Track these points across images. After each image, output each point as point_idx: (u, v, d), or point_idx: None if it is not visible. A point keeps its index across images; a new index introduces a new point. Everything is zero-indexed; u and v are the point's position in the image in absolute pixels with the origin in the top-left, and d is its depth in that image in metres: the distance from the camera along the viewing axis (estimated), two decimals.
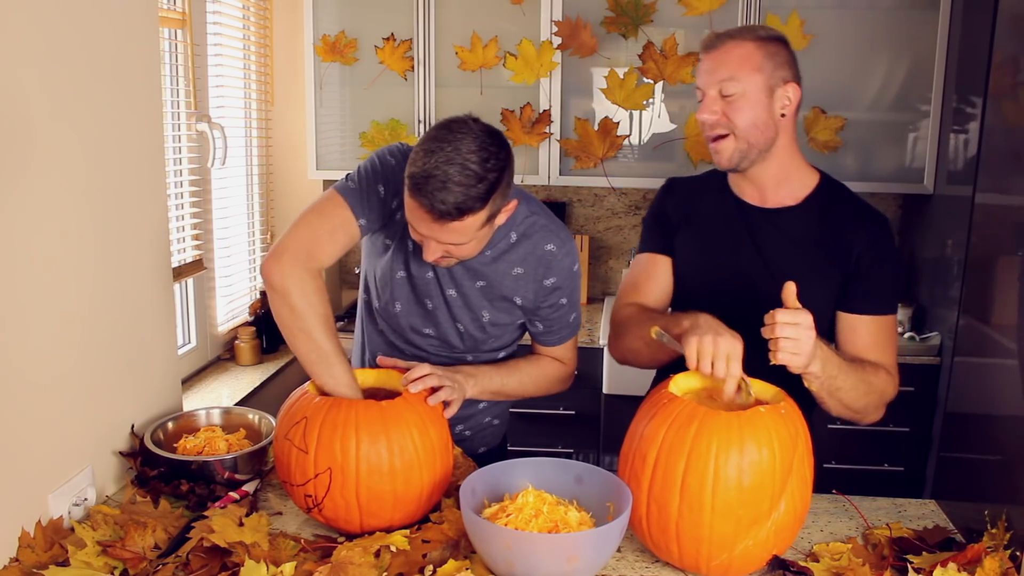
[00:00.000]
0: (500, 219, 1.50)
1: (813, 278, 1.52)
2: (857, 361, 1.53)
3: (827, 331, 1.57)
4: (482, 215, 1.41)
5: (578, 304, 1.72)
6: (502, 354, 1.77)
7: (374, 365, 1.72)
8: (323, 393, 1.48)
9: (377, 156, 1.59)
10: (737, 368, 1.33)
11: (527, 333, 1.76)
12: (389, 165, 1.57)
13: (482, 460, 1.70)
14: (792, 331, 1.32)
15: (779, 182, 1.60)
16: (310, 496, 1.39)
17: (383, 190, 1.56)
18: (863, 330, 1.57)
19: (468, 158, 1.36)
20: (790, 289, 1.34)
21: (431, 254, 1.48)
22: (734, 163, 1.56)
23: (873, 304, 1.56)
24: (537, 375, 1.73)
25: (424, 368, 1.53)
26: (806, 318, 1.32)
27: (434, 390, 1.51)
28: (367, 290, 1.75)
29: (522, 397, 1.74)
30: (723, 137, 1.55)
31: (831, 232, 1.58)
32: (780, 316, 1.32)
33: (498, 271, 1.62)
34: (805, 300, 1.37)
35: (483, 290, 1.63)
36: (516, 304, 1.65)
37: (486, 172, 1.37)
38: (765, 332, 1.34)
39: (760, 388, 1.42)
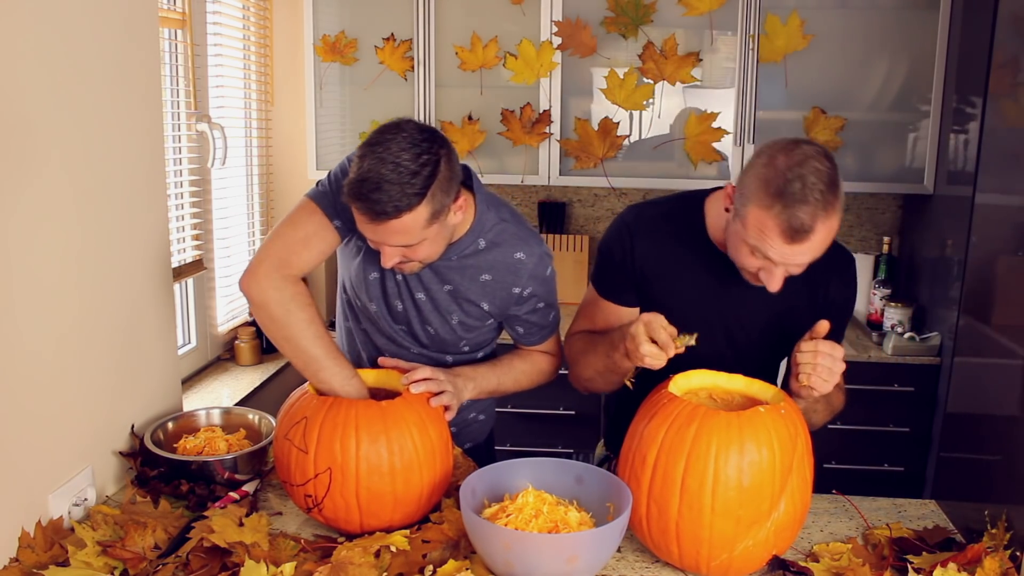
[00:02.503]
0: (453, 218, 1.48)
1: (793, 311, 1.59)
2: None
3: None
4: (422, 211, 1.39)
5: (555, 302, 1.73)
6: (480, 354, 1.77)
7: (367, 364, 1.74)
8: (323, 394, 1.48)
9: (347, 159, 1.58)
10: (669, 330, 1.39)
11: (506, 333, 1.77)
12: None
13: (469, 456, 1.71)
14: (830, 362, 1.38)
15: None
16: (310, 496, 1.39)
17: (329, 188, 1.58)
18: None
19: (400, 156, 1.36)
20: (823, 325, 1.41)
21: (388, 260, 1.48)
22: None
23: (836, 336, 1.56)
24: (530, 370, 1.76)
25: (425, 371, 1.53)
26: (841, 352, 1.39)
27: (434, 394, 1.51)
28: (345, 291, 1.77)
29: (516, 392, 1.76)
30: None
31: (809, 270, 1.54)
32: (823, 347, 1.38)
33: (465, 276, 1.62)
34: (786, 329, 1.55)
35: (451, 294, 1.63)
36: (484, 309, 1.65)
37: (420, 168, 1.37)
38: (803, 357, 1.39)
39: (760, 388, 1.42)
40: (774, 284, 1.43)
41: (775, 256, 1.39)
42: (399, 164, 1.36)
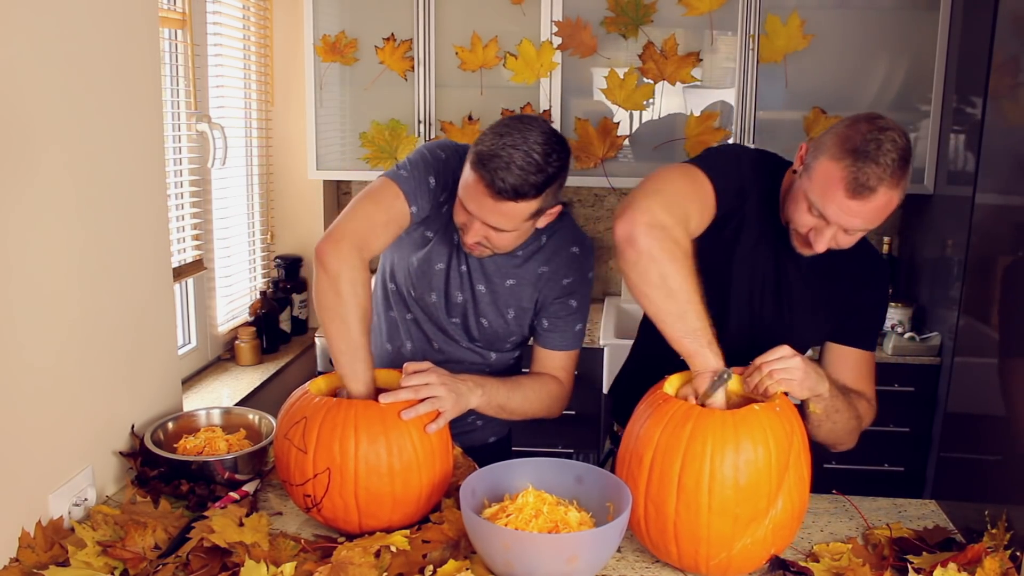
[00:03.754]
0: (543, 221, 1.56)
1: (819, 309, 1.60)
2: (844, 387, 1.57)
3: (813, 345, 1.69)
4: (533, 205, 1.48)
5: (586, 315, 1.73)
6: (517, 352, 1.81)
7: (410, 356, 1.74)
8: (333, 394, 1.48)
9: (427, 149, 1.63)
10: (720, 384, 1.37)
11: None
12: (440, 159, 1.61)
13: (492, 449, 1.69)
14: (780, 364, 1.37)
15: None
16: (309, 496, 1.39)
17: (433, 182, 1.60)
18: (852, 362, 1.62)
19: (533, 148, 1.44)
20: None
21: (472, 236, 1.53)
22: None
23: (862, 340, 1.62)
24: (539, 389, 1.69)
25: (427, 376, 1.47)
26: (784, 349, 1.38)
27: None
28: (393, 280, 1.76)
29: (522, 417, 1.69)
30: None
31: (838, 270, 1.59)
32: (761, 359, 1.38)
33: (526, 271, 1.67)
34: (809, 327, 1.59)
35: (511, 288, 1.67)
36: (536, 300, 1.69)
37: (547, 164, 1.46)
38: (755, 375, 1.38)
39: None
40: (821, 244, 1.44)
41: (832, 212, 1.40)
42: (531, 154, 1.44)
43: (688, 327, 1.34)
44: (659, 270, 1.32)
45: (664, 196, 1.40)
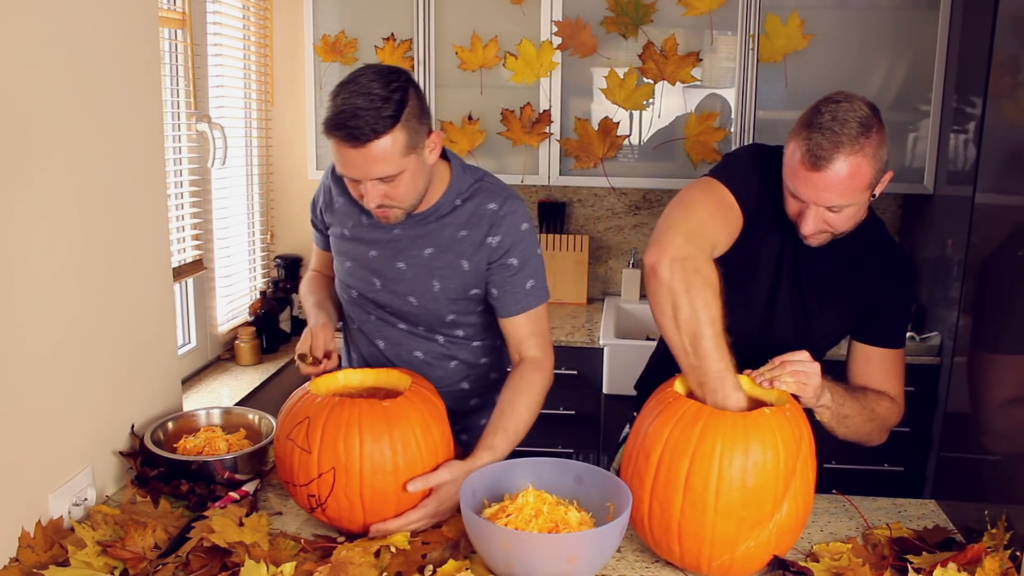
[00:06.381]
0: (429, 157, 1.55)
1: (838, 305, 1.60)
2: (860, 390, 1.58)
3: (831, 347, 1.68)
4: (399, 136, 1.46)
5: (536, 270, 1.67)
6: (476, 342, 1.77)
7: (359, 363, 1.81)
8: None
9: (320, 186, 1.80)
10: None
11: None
12: (320, 184, 1.79)
13: None
14: (801, 367, 1.40)
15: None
16: (313, 496, 1.39)
17: (319, 211, 1.78)
18: (876, 360, 1.62)
19: (370, 87, 1.45)
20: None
21: (372, 198, 1.52)
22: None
23: (888, 339, 1.62)
24: (526, 390, 1.61)
25: (423, 511, 1.41)
26: (806, 354, 1.41)
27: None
28: (342, 287, 1.81)
29: (533, 418, 1.61)
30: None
31: (859, 269, 1.59)
32: (784, 357, 1.41)
33: (443, 235, 1.65)
34: (825, 323, 1.59)
35: (432, 257, 1.66)
36: (464, 269, 1.65)
37: (390, 93, 1.45)
38: (775, 369, 1.40)
39: (765, 390, 1.42)
40: (806, 226, 1.46)
41: (801, 190, 1.42)
42: (371, 93, 1.44)
43: (690, 362, 1.36)
44: (672, 301, 1.36)
45: (689, 224, 1.44)
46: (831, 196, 1.41)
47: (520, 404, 1.58)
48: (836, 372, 1.57)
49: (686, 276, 1.36)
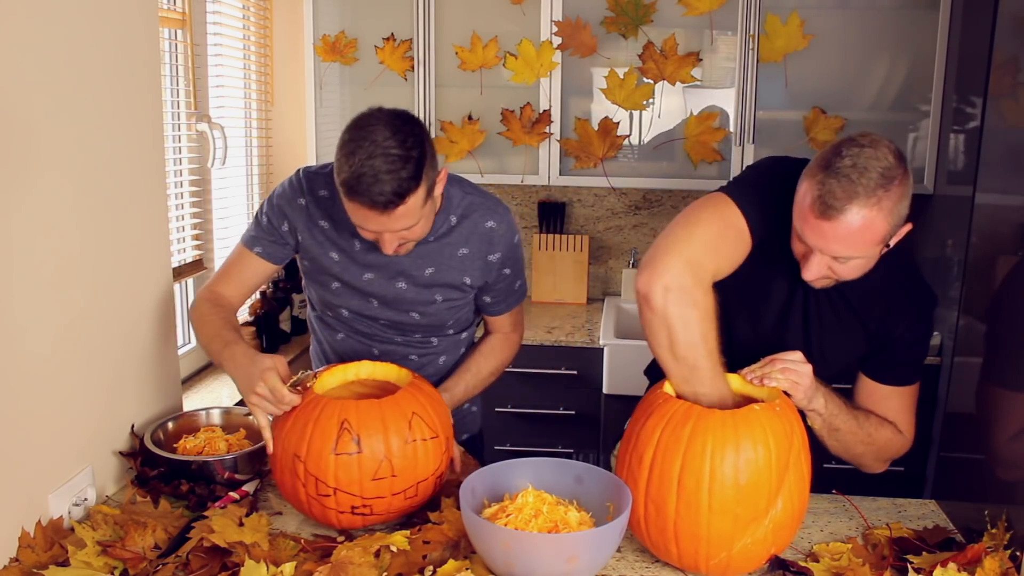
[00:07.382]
0: (438, 189, 1.54)
1: (846, 336, 1.54)
2: (864, 411, 1.54)
3: (843, 374, 1.59)
4: (421, 192, 1.45)
5: (521, 271, 1.79)
6: (464, 334, 1.84)
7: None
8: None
9: (274, 195, 1.68)
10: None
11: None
12: (285, 196, 1.65)
13: (466, 446, 1.72)
14: (792, 365, 1.39)
15: None
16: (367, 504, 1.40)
17: (286, 226, 1.66)
18: (877, 396, 1.56)
19: (387, 146, 1.40)
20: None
21: (389, 246, 1.51)
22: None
23: (901, 377, 1.55)
24: (488, 354, 1.81)
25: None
26: (800, 355, 1.40)
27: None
28: (315, 307, 1.81)
29: (490, 379, 1.83)
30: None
31: (873, 296, 1.50)
32: (777, 355, 1.40)
33: (444, 254, 1.66)
34: (831, 350, 1.54)
35: (433, 276, 1.67)
36: (467, 284, 1.70)
37: (408, 151, 1.41)
38: (766, 366, 1.39)
39: (756, 388, 1.42)
40: (808, 272, 1.37)
41: (809, 236, 1.33)
42: (388, 153, 1.40)
43: (690, 389, 1.36)
44: (668, 333, 1.33)
45: (690, 250, 1.36)
46: (838, 247, 1.32)
47: (485, 367, 1.79)
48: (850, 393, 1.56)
49: (683, 311, 1.31)
